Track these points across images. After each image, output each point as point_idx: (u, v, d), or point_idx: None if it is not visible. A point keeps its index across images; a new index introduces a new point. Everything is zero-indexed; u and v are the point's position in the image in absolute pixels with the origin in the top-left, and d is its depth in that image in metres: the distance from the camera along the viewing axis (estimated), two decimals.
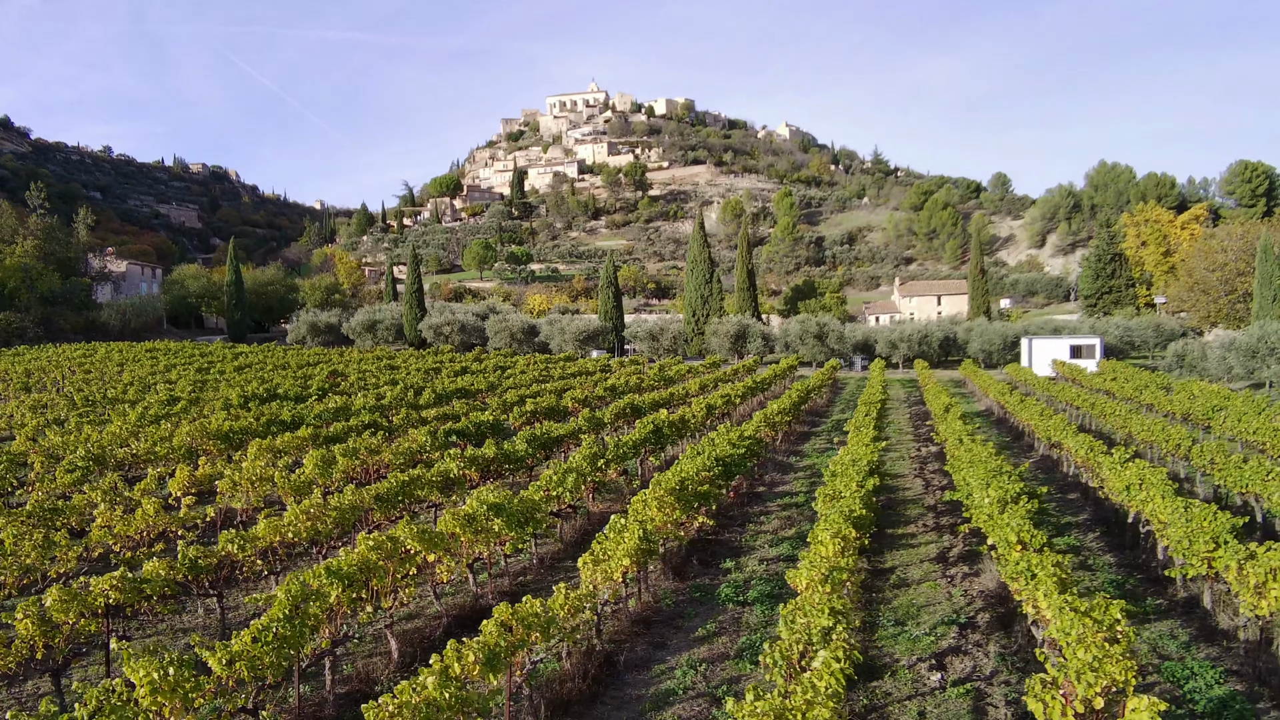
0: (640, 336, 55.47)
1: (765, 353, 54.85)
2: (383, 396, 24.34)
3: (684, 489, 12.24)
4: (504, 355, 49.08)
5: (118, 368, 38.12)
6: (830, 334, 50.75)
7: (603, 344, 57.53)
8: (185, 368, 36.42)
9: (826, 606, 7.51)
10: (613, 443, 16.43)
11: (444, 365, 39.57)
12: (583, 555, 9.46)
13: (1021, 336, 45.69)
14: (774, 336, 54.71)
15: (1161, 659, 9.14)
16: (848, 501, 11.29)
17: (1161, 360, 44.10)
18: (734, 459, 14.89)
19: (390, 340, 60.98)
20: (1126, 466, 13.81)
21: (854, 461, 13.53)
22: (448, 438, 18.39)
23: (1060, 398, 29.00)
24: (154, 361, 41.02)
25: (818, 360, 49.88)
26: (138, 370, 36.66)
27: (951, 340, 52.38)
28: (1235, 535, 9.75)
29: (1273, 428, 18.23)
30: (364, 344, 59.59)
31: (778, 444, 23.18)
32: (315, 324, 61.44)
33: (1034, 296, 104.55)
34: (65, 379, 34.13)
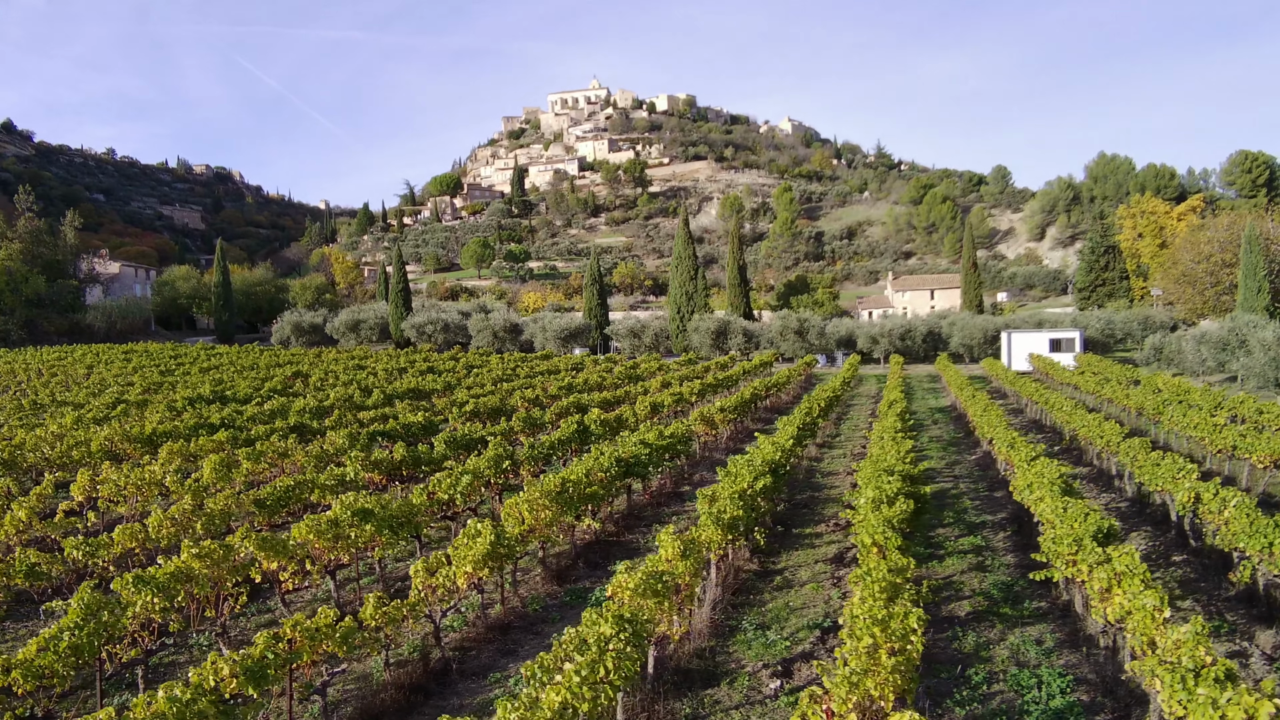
0: (621, 334, 55.14)
1: (749, 349, 54.47)
2: (327, 398, 24.12)
3: (565, 491, 11.94)
4: (482, 354, 48.84)
5: (86, 370, 38.10)
6: (811, 330, 50.30)
7: (586, 342, 57.24)
8: (150, 369, 36.35)
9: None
10: (528, 443, 16.14)
11: (414, 365, 39.36)
12: (414, 562, 9.18)
13: (1002, 330, 45.15)
14: (757, 333, 54.29)
15: (1020, 666, 8.81)
16: (722, 503, 10.97)
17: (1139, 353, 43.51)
18: (637, 459, 14.58)
19: (374, 340, 60.88)
20: (1033, 465, 13.47)
21: (749, 462, 13.20)
22: (371, 439, 18.13)
23: (1022, 393, 28.55)
24: (126, 363, 41.00)
25: (798, 356, 49.43)
26: (106, 372, 36.61)
27: (937, 335, 51.85)
28: (1100, 537, 9.41)
29: (1212, 424, 17.79)
30: (347, 344, 59.51)
31: (721, 441, 22.86)
32: (299, 324, 61.38)
33: (1032, 290, 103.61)
34: (29, 382, 34.12)
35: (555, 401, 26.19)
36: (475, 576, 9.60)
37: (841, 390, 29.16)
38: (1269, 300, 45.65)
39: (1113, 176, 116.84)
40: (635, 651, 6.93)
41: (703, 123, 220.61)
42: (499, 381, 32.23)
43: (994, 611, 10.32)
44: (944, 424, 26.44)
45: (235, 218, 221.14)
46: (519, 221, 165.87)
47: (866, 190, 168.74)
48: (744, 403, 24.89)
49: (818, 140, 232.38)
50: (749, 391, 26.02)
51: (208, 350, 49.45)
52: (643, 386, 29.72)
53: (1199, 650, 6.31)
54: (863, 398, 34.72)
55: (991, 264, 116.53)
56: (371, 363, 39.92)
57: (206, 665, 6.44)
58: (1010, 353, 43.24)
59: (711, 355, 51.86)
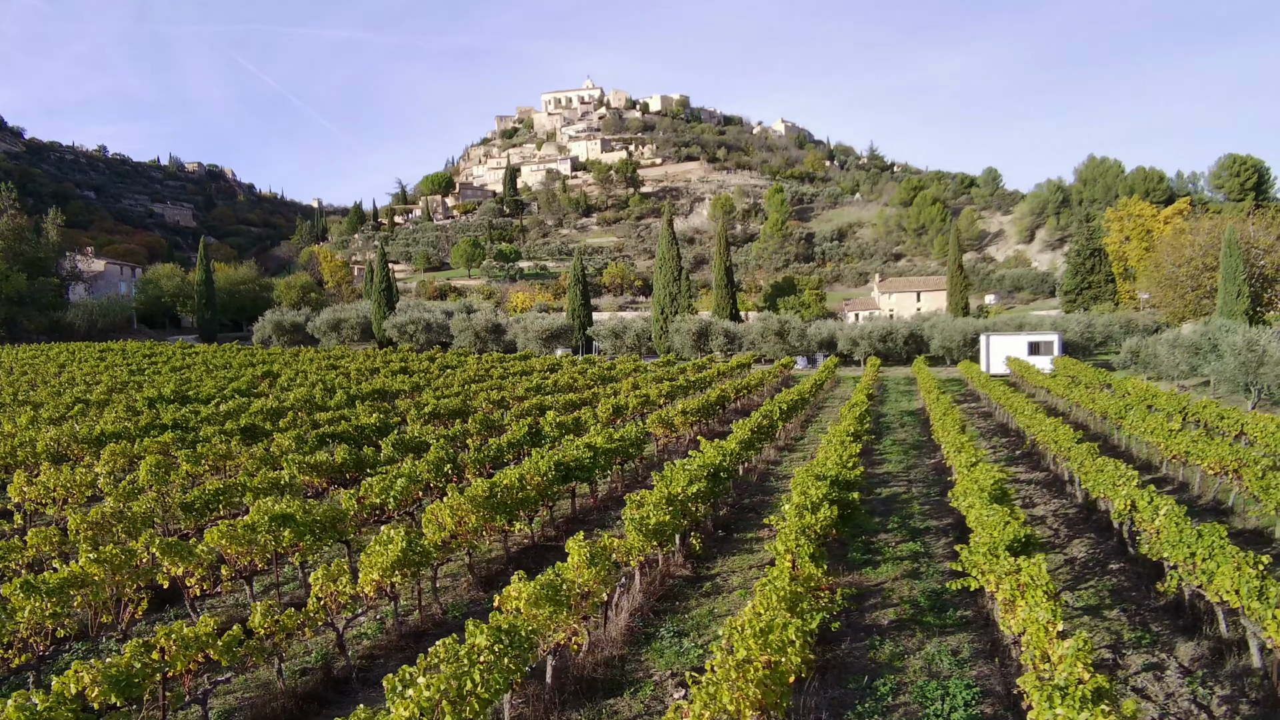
0: (603, 335, 54.96)
1: (731, 351, 54.36)
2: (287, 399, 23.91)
3: (494, 496, 11.79)
4: (461, 354, 48.64)
5: (59, 368, 37.82)
6: (791, 331, 50.19)
7: (569, 342, 57.05)
8: (121, 368, 36.10)
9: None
10: (474, 446, 15.96)
11: (389, 365, 39.13)
12: (315, 571, 9.01)
13: (981, 333, 45.09)
14: (739, 334, 54.16)
15: (931, 677, 8.68)
16: (646, 510, 10.83)
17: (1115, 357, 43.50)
18: (579, 463, 14.43)
19: (356, 340, 60.61)
20: (972, 470, 13.36)
21: (685, 467, 13.06)
22: (321, 441, 17.94)
23: (992, 396, 28.47)
24: (100, 362, 40.72)
25: (779, 358, 49.31)
26: (77, 371, 36.35)
27: (919, 337, 51.80)
28: (1016, 546, 9.30)
29: (1167, 429, 17.70)
30: (329, 343, 59.21)
31: (684, 444, 22.72)
32: (281, 323, 61.06)
33: (1020, 292, 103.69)
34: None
35: (520, 403, 26.03)
36: (385, 583, 9.45)
37: (811, 393, 29.05)
38: (1248, 304, 45.65)
39: (1102, 179, 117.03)
40: (514, 663, 6.79)
41: (696, 123, 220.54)
42: (470, 382, 32.04)
43: (918, 620, 10.19)
44: (911, 427, 26.34)
45: (227, 216, 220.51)
46: (510, 221, 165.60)
47: (858, 192, 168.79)
48: (709, 405, 24.75)
49: (811, 141, 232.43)
50: (715, 394, 25.89)
51: (185, 349, 49.16)
52: (612, 388, 29.57)
53: (1076, 667, 6.19)
54: (836, 400, 34.60)
55: (980, 266, 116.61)
56: (346, 363, 39.69)
57: (69, 674, 6.30)
58: (989, 355, 43.22)
59: (693, 357, 51.73)
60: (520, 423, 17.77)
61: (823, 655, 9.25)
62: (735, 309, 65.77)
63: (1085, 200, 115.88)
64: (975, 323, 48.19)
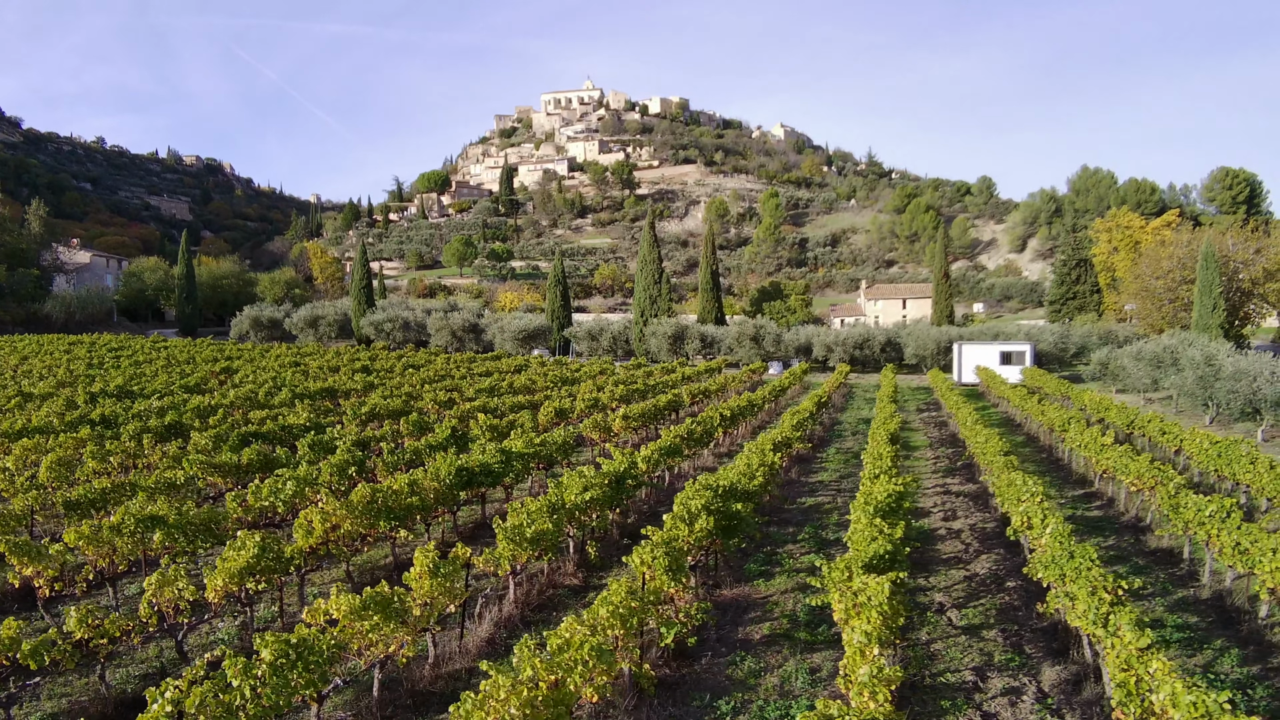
0: (580, 337, 54.74)
1: (709, 354, 54.15)
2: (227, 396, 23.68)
3: (376, 501, 11.57)
4: (431, 353, 48.42)
5: (20, 360, 37.61)
6: (767, 336, 49.98)
7: (546, 343, 56.82)
8: (81, 361, 35.89)
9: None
10: (388, 449, 15.76)
11: (356, 362, 38.91)
12: (150, 576, 8.79)
13: (954, 341, 44.90)
14: (718, 338, 53.94)
15: (782, 696, 8.48)
16: (521, 517, 10.61)
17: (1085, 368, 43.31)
18: (486, 468, 14.22)
19: (333, 337, 60.37)
20: (875, 481, 13.17)
21: (580, 474, 12.85)
22: (243, 440, 17.70)
23: (947, 405, 28.26)
24: (66, 355, 40.51)
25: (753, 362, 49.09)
26: (39, 364, 36.14)
27: (896, 344, 51.60)
28: (879, 562, 9.09)
29: (1099, 444, 17.51)
30: (306, 340, 58.98)
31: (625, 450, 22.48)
32: (258, 319, 60.80)
33: (1009, 301, 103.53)
34: None
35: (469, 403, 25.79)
36: (233, 589, 9.25)
37: (770, 398, 28.84)
38: (1224, 318, 45.40)
39: (1094, 190, 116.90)
40: (306, 678, 6.58)
41: (695, 126, 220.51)
42: (428, 382, 31.81)
43: (790, 636, 9.98)
44: (862, 436, 26.13)
45: (223, 209, 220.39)
46: (505, 220, 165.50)
47: (853, 198, 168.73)
48: (657, 410, 24.55)
49: (809, 147, 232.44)
50: (665, 399, 25.67)
51: (156, 343, 48.93)
52: (568, 390, 29.36)
53: (863, 696, 5.99)
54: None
55: (971, 275, 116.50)
56: (311, 360, 39.47)
57: None
58: (960, 364, 43.02)
59: (669, 360, 51.52)
60: (444, 425, 17.54)
61: (677, 670, 9.04)
62: (721, 313, 65.51)
63: (1078, 210, 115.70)
64: (950, 331, 47.98)
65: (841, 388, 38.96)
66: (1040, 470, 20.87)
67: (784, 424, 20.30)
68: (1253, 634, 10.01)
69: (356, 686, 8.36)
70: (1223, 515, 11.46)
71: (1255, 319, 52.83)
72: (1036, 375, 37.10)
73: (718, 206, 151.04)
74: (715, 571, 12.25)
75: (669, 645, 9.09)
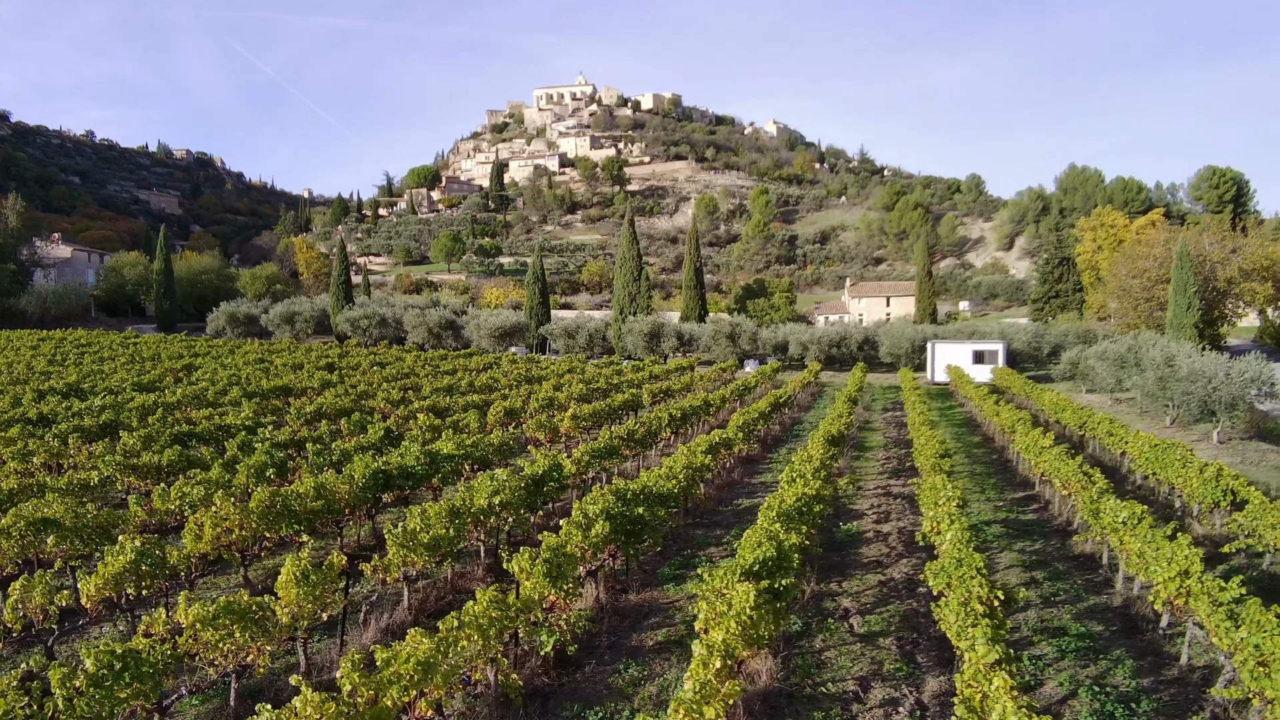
0: (556, 334, 54.54)
1: (687, 352, 53.99)
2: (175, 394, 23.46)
3: (274, 506, 11.40)
4: (404, 351, 48.19)
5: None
6: (742, 335, 49.86)
7: (523, 340, 56.61)
8: (43, 358, 35.62)
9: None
10: (313, 450, 15.58)
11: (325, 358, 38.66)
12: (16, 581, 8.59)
13: (928, 340, 44.84)
14: (694, 335, 53.78)
15: (657, 706, 8.33)
16: (414, 522, 10.46)
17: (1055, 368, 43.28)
18: (406, 471, 14.04)
19: (310, 333, 60.05)
20: (791, 485, 13.05)
21: (494, 476, 12.69)
22: (173, 441, 17.49)
23: (905, 404, 28.17)
24: (32, 351, 40.22)
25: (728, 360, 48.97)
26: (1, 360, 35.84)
27: (873, 342, 51.53)
28: (761, 569, 8.95)
29: (1038, 447, 17.42)
30: (282, 336, 58.66)
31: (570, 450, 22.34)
32: (235, 315, 60.43)
33: (995, 299, 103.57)
34: None
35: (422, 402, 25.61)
36: (110, 594, 9.08)
37: (728, 398, 28.68)
38: (1198, 317, 45.36)
39: (1082, 188, 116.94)
40: (139, 686, 6.42)
41: (687, 123, 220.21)
42: (389, 380, 31.60)
43: (681, 643, 9.84)
44: None
45: (213, 204, 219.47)
46: (494, 216, 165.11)
47: (844, 195, 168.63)
48: (611, 410, 24.41)
49: (803, 144, 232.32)
50: (621, 398, 25.54)
51: (128, 339, 48.58)
52: (527, 389, 29.19)
53: (679, 714, 5.85)
54: None
55: (958, 273, 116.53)
56: (277, 357, 39.22)
57: None
58: (933, 363, 42.96)
59: (645, 358, 51.37)
60: (378, 425, 17.36)
61: (557, 680, 8.89)
62: (704, 310, 65.34)
63: (1065, 209, 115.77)
64: (925, 329, 47.91)
65: (811, 386, 38.87)
66: (988, 472, 20.79)
67: (730, 424, 20.18)
68: (1152, 644, 9.91)
69: (218, 696, 8.20)
70: (1134, 521, 11.36)
71: (1232, 318, 52.88)
72: (1005, 375, 37.06)
73: (707, 203, 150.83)
74: (626, 576, 12.10)
75: (549, 654, 8.96)
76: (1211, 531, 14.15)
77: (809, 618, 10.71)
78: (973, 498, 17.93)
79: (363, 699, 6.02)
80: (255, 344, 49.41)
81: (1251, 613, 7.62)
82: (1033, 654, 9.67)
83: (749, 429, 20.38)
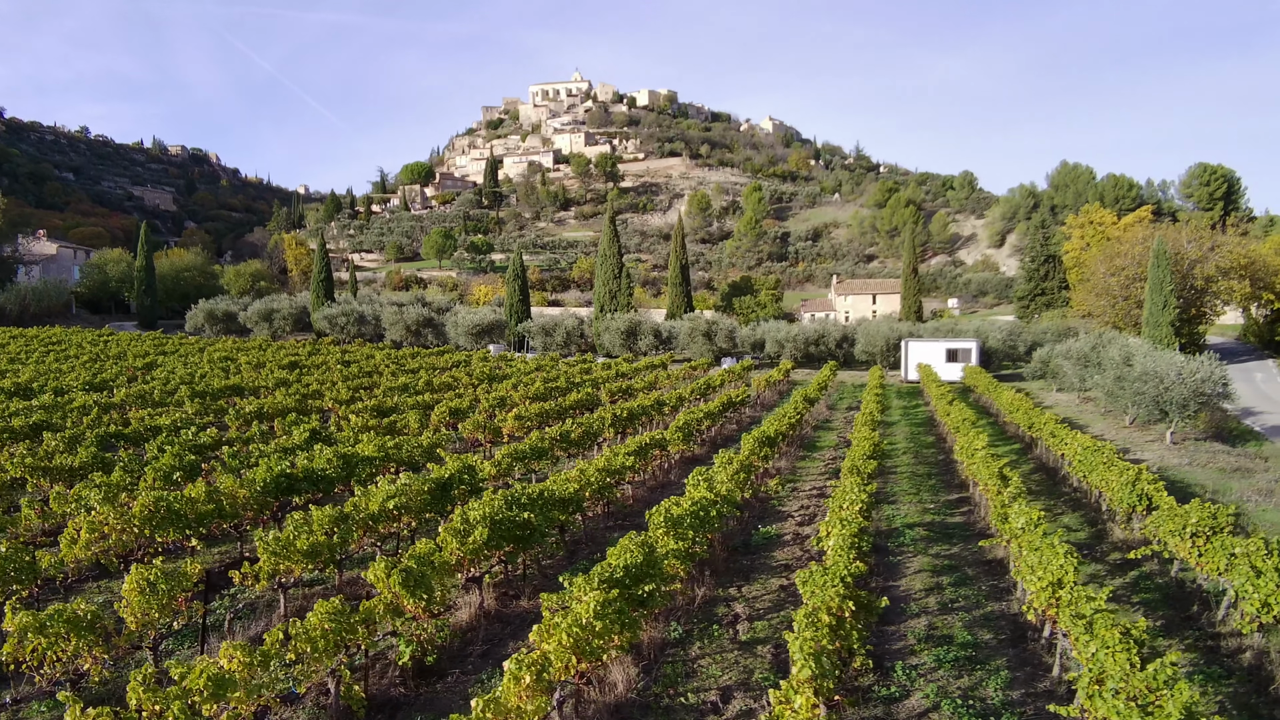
0: (534, 332, 54.38)
1: (663, 349, 53.83)
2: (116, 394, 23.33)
3: (158, 510, 11.25)
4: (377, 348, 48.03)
5: None
6: (719, 332, 49.71)
7: (501, 338, 56.43)
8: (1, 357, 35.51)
9: None
10: (229, 453, 15.43)
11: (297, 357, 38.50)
12: None
13: (903, 338, 44.69)
14: (672, 332, 53.60)
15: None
16: (289, 530, 10.31)
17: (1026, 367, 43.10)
18: (315, 474, 13.90)
19: (289, 330, 59.87)
20: (697, 488, 12.93)
21: (391, 481, 12.54)
22: (100, 442, 17.34)
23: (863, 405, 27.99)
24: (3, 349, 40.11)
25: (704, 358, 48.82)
26: None
27: (850, 340, 51.37)
28: (622, 577, 8.81)
29: (972, 448, 17.26)
30: (260, 334, 58.50)
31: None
32: (212, 312, 60.23)
33: (984, 297, 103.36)
34: None
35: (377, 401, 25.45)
36: None
37: (687, 398, 28.52)
38: (1174, 315, 45.15)
39: (1073, 185, 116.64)
40: None
41: (682, 119, 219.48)
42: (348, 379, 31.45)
43: None
44: None
45: (208, 200, 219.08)
46: (487, 213, 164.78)
47: (838, 192, 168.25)
48: (561, 409, 24.27)
49: (798, 140, 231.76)
50: (573, 398, 25.40)
51: (102, 336, 48.44)
52: (484, 389, 29.03)
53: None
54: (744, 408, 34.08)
55: (948, 270, 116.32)
56: (244, 355, 39.06)
57: None
58: (907, 361, 42.82)
59: (622, 355, 51.21)
60: (303, 428, 17.20)
61: (415, 690, 8.76)
62: (690, 307, 65.09)
63: (1057, 206, 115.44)
64: (900, 327, 47.74)
65: (781, 384, 38.73)
66: (931, 473, 20.66)
67: (671, 424, 20.04)
68: (1034, 655, 9.77)
69: (50, 702, 8.07)
70: (1030, 526, 11.23)
71: (1210, 316, 52.70)
72: (974, 374, 36.91)
73: (699, 200, 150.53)
74: (523, 582, 11.96)
75: (407, 664, 8.81)
76: (1129, 536, 14.01)
77: (695, 624, 10.56)
78: (907, 499, 17.80)
79: (147, 713, 5.89)
80: (228, 342, 49.25)
81: (1099, 628, 7.48)
82: (911, 664, 9.52)
83: (689, 429, 20.22)
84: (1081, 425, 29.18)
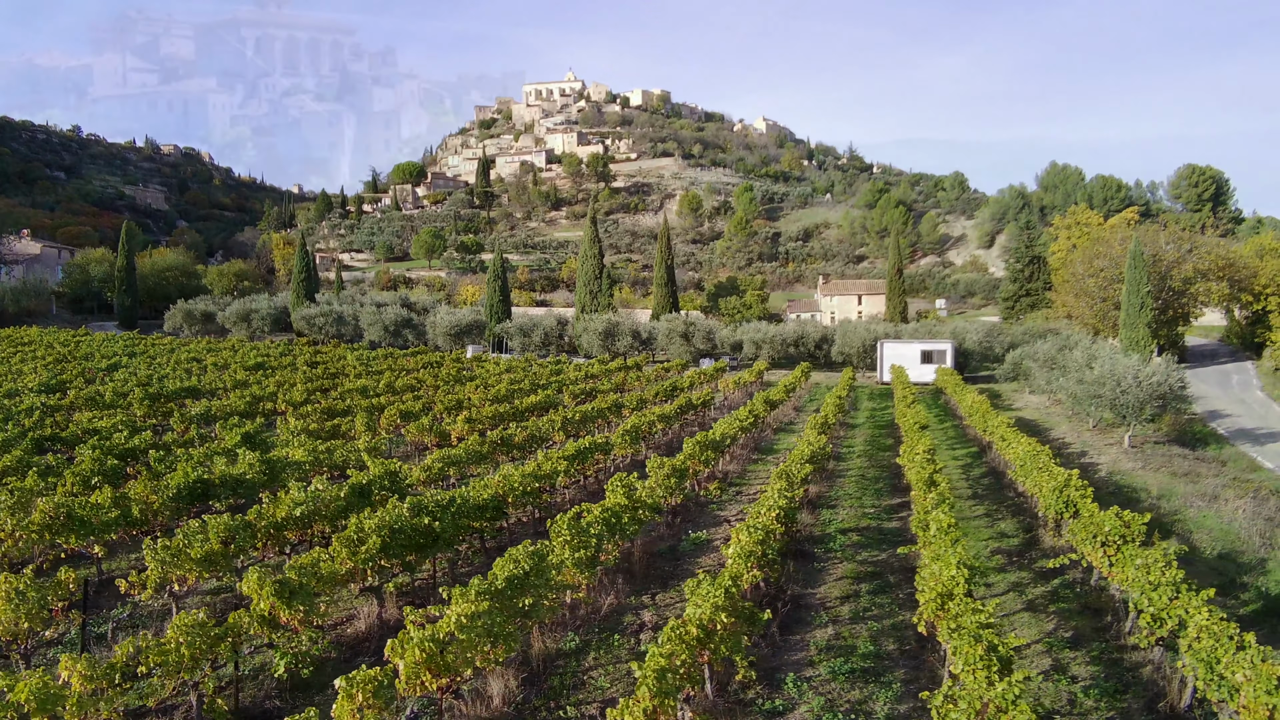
0: (512, 332, 54.20)
1: (642, 350, 53.69)
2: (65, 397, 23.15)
3: (58, 516, 11.08)
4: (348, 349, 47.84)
5: None
6: (696, 333, 49.60)
7: (480, 338, 56.24)
8: None
9: None
10: (155, 457, 15.26)
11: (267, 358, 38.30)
12: None
13: (879, 340, 44.61)
14: (652, 333, 53.44)
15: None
16: (184, 536, 10.15)
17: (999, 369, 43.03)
18: (234, 479, 13.73)
19: (267, 331, 59.63)
20: (614, 492, 12.79)
21: (303, 487, 12.38)
22: (38, 445, 17.17)
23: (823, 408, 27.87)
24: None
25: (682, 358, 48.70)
26: None
27: (830, 340, 51.27)
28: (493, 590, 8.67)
29: (913, 452, 17.13)
30: (239, 334, 58.27)
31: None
32: (191, 312, 59.97)
33: (972, 298, 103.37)
34: None
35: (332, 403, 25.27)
36: None
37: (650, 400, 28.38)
38: (1151, 317, 45.10)
39: (1062, 186, 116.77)
40: None
41: (675, 119, 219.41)
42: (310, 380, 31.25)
43: None
44: None
45: (200, 199, 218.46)
46: (478, 212, 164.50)
47: (830, 193, 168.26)
48: (516, 412, 24.13)
49: (791, 140, 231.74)
50: (530, 401, 25.25)
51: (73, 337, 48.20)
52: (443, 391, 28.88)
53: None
54: (712, 409, 33.93)
55: (937, 271, 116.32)
56: (213, 356, 38.83)
57: None
58: (882, 363, 42.73)
59: (601, 355, 51.06)
60: (235, 431, 17.02)
61: (291, 703, 8.60)
62: (675, 308, 64.91)
63: (1046, 207, 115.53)
64: (876, 328, 47.65)
65: (754, 386, 38.59)
66: (881, 476, 20.55)
67: (618, 430, 19.91)
68: (930, 667, 9.64)
69: None
70: (943, 532, 11.12)
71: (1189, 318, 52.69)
72: (945, 375, 36.82)
73: (690, 200, 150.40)
74: (433, 591, 11.80)
75: (283, 676, 8.66)
76: (1058, 543, 13.90)
77: (596, 634, 10.42)
78: (849, 503, 17.69)
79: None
80: (201, 342, 49.03)
81: (961, 642, 7.36)
82: (805, 675, 9.38)
83: (636, 433, 20.08)
84: (1047, 428, 29.12)
